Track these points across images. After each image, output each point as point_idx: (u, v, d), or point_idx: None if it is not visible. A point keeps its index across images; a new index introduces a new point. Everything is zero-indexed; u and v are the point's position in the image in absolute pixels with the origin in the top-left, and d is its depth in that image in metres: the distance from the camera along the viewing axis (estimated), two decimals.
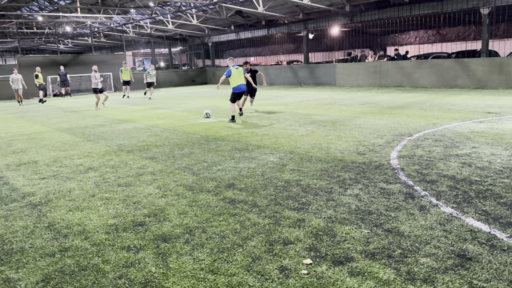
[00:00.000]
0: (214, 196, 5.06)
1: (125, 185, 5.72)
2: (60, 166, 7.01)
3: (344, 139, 8.23)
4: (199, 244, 3.75)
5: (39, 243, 3.92)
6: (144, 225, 4.24)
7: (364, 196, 4.82)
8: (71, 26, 38.30)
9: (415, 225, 3.94)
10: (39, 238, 4.03)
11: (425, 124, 9.57)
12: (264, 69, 30.77)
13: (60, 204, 5.04)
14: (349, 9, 24.35)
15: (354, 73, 24.06)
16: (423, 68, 21.07)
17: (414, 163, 6.18)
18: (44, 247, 3.83)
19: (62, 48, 53.97)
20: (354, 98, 16.85)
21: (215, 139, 8.87)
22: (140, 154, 7.73)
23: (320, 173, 5.89)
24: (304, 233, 3.87)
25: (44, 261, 3.56)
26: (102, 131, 10.80)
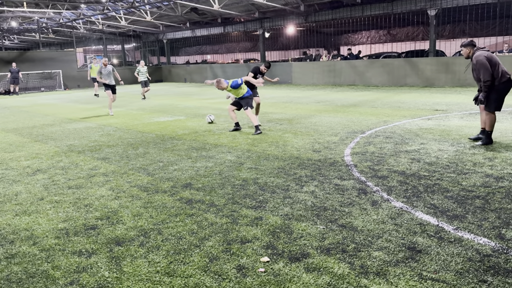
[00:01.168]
0: (170, 197, 4.97)
1: (76, 187, 5.51)
2: (6, 169, 6.64)
3: (300, 137, 8.35)
4: (155, 246, 3.67)
5: None
6: (96, 229, 4.10)
7: (319, 193, 4.91)
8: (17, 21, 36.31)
9: (367, 220, 4.07)
10: None
11: (377, 122, 9.90)
12: (221, 67, 30.64)
13: (6, 208, 4.77)
14: (304, 9, 24.73)
15: (310, 72, 24.48)
16: (374, 67, 21.77)
17: (367, 160, 6.37)
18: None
19: (8, 44, 51.09)
20: (309, 96, 17.14)
21: (171, 138, 8.73)
22: (92, 154, 7.47)
23: (277, 171, 5.94)
24: (261, 231, 3.89)
25: None
26: (51, 131, 10.33)
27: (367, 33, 35.91)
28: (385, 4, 21.92)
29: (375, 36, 35.63)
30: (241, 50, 41.96)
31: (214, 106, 14.76)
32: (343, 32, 35.77)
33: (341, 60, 23.74)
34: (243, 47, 41.74)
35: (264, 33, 28.87)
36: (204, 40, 36.62)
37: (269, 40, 34.27)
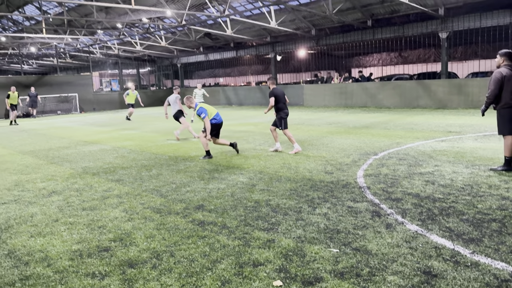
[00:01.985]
0: (182, 218, 4.99)
1: (90, 209, 5.56)
2: (22, 190, 6.75)
3: (313, 159, 8.34)
4: (167, 268, 3.67)
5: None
6: (109, 250, 4.12)
7: (332, 215, 4.88)
8: (36, 47, 37.47)
9: (382, 243, 4.02)
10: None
11: (390, 143, 9.85)
12: (234, 90, 30.99)
13: (22, 230, 4.83)
14: (315, 33, 25.06)
15: (321, 94, 24.60)
16: (386, 89, 21.79)
17: (380, 182, 6.33)
18: (4, 276, 3.64)
19: (26, 69, 52.59)
20: (321, 118, 17.18)
21: (184, 160, 8.80)
22: (106, 176, 7.55)
23: (289, 192, 5.93)
24: (274, 254, 3.87)
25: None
26: (67, 153, 10.50)
27: (378, 56, 36.12)
28: (396, 27, 22.11)
29: (386, 58, 35.80)
30: (253, 73, 42.49)
31: (226, 128, 14.87)
32: (354, 55, 36.04)
33: (353, 82, 23.83)
34: (255, 70, 42.26)
35: (276, 56, 29.25)
36: (217, 64, 37.21)
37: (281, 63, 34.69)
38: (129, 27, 30.38)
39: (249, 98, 29.18)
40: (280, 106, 9.18)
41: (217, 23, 26.36)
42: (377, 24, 22.63)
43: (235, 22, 25.29)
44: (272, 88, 9.31)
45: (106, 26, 29.51)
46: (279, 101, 9.15)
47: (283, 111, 9.23)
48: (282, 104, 9.19)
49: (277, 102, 9.13)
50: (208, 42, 31.37)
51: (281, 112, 9.22)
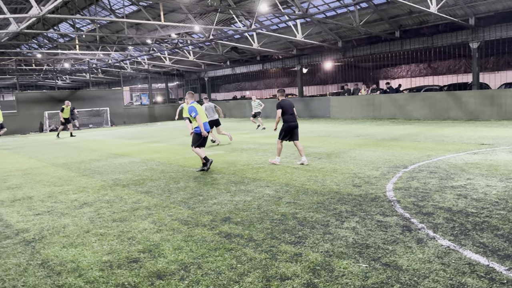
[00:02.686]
0: (209, 231, 5.02)
1: (120, 220, 5.67)
2: (55, 202, 6.96)
3: (340, 171, 8.25)
4: (195, 280, 3.69)
5: (32, 281, 3.84)
6: (138, 262, 4.18)
7: (361, 229, 4.79)
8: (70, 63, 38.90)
9: (413, 259, 3.91)
10: (32, 276, 3.96)
11: (420, 156, 9.64)
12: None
13: (54, 240, 4.97)
14: (342, 45, 24.98)
15: (348, 106, 24.39)
16: (415, 100, 21.40)
17: (410, 195, 6.19)
18: (37, 285, 3.75)
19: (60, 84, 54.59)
20: (348, 130, 17.01)
21: (211, 172, 8.87)
22: (136, 188, 7.70)
23: (316, 205, 5.87)
24: (301, 268, 3.83)
25: None
26: (98, 165, 10.78)
27: (407, 67, 35.59)
28: (425, 38, 21.78)
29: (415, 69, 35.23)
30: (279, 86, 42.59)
31: (252, 140, 14.93)
32: (382, 66, 35.66)
33: (381, 94, 23.54)
34: (281, 83, 42.40)
35: (302, 69, 29.29)
36: (243, 77, 37.58)
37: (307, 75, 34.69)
38: (159, 42, 31.16)
39: (274, 111, 29.23)
40: (285, 118, 9.25)
41: (243, 37, 26.70)
42: (405, 35, 22.36)
43: (261, 36, 25.54)
44: (280, 100, 9.40)
45: (136, 42, 30.38)
46: (285, 113, 9.23)
47: (287, 123, 9.29)
48: (288, 115, 9.24)
49: (283, 113, 9.22)
50: (234, 56, 31.76)
51: (284, 124, 9.32)
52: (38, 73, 46.58)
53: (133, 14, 25.53)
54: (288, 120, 9.26)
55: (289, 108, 9.26)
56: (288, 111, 9.24)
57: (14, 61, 35.99)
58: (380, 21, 21.61)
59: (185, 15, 23.69)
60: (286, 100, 9.44)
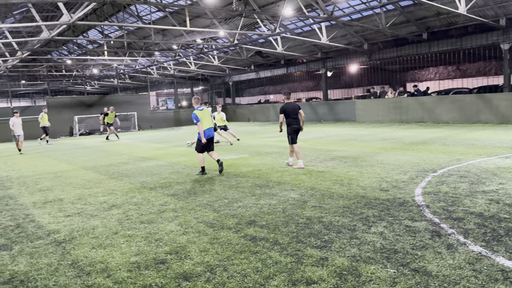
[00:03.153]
0: (235, 233, 5.03)
1: (147, 222, 5.76)
2: (85, 204, 7.13)
3: (366, 175, 8.14)
4: (220, 283, 3.71)
5: (62, 281, 3.94)
6: (165, 263, 4.23)
7: (389, 234, 4.71)
8: (98, 68, 39.92)
9: (443, 264, 3.81)
10: (63, 276, 4.06)
11: (449, 160, 9.40)
12: None
13: (84, 241, 5.09)
14: (367, 47, 24.70)
15: (374, 109, 24.06)
16: (444, 103, 20.92)
17: (440, 200, 6.04)
18: (68, 285, 3.85)
19: (89, 89, 56.05)
20: (374, 134, 16.76)
21: (236, 176, 8.90)
22: (162, 191, 7.81)
23: (343, 210, 5.81)
24: (327, 273, 3.79)
25: None
26: (126, 168, 11.00)
27: (435, 69, 34.84)
28: (454, 40, 21.29)
29: (443, 72, 34.45)
30: (303, 90, 42.44)
31: (277, 144, 14.90)
32: (409, 69, 35.01)
33: (408, 97, 23.11)
34: (305, 86, 42.22)
35: (327, 72, 29.09)
36: (267, 81, 37.62)
37: (332, 79, 34.42)
38: (184, 48, 31.61)
39: None
40: (288, 121, 9.39)
41: (268, 41, 26.76)
42: (433, 37, 21.91)
43: (286, 40, 25.53)
44: (285, 103, 9.51)
45: (162, 47, 30.90)
46: (288, 116, 9.34)
47: (290, 127, 9.43)
48: (290, 119, 9.36)
49: (286, 117, 9.35)
50: (259, 60, 31.86)
51: (288, 128, 9.46)
52: (68, 79, 48.01)
53: (159, 20, 26.00)
54: (291, 123, 9.41)
55: (292, 112, 9.34)
56: (291, 114, 9.33)
57: (45, 67, 37.20)
58: (407, 23, 21.25)
59: (210, 21, 23.96)
60: (290, 103, 9.50)
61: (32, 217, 6.41)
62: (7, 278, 4.08)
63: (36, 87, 52.55)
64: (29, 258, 4.61)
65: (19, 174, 11.11)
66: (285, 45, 26.11)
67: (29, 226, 5.88)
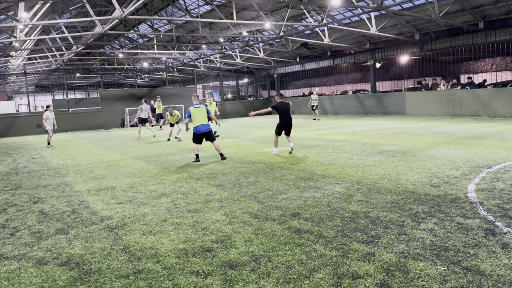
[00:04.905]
0: (279, 225, 5.05)
1: (194, 211, 5.91)
2: (135, 192, 7.42)
3: (416, 170, 7.88)
4: (265, 273, 3.74)
5: (115, 265, 4.14)
6: (212, 251, 4.33)
7: (439, 231, 4.55)
8: (148, 62, 41.17)
9: (497, 264, 3.64)
10: (115, 260, 4.26)
11: (506, 156, 8.90)
12: (329, 99, 30.66)
13: (135, 228, 5.31)
14: (419, 38, 23.76)
15: (425, 101, 23.17)
16: (501, 96, 19.76)
17: (495, 197, 5.74)
18: (120, 269, 4.03)
19: (139, 82, 58.00)
20: (425, 127, 16.15)
21: (280, 168, 8.92)
22: (208, 181, 7.97)
23: (390, 205, 5.67)
24: (374, 268, 3.72)
25: (119, 282, 3.75)
26: (174, 159, 11.31)
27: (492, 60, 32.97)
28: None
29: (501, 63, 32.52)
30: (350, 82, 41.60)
31: (321, 137, 14.74)
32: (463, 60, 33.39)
33: (461, 89, 22.05)
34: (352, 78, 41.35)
35: (375, 63, 28.29)
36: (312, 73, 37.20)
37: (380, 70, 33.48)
38: (230, 41, 31.87)
39: (345, 107, 28.62)
40: (281, 118, 10.94)
41: (314, 32, 26.40)
42: (490, 26, 20.69)
43: (333, 31, 25.08)
44: (278, 102, 10.98)
45: (209, 41, 31.33)
46: (280, 114, 10.87)
47: (281, 122, 10.97)
48: (283, 116, 10.88)
49: (279, 114, 10.91)
50: (304, 52, 31.53)
51: (279, 122, 11.04)
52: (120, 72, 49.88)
53: (206, 14, 26.36)
54: (282, 119, 10.91)
55: (284, 110, 10.89)
56: (283, 112, 10.87)
57: (98, 61, 38.85)
58: (462, 11, 20.19)
59: (257, 13, 23.97)
60: (283, 102, 11.02)
61: (87, 203, 6.76)
62: (64, 260, 4.34)
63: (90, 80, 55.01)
64: (84, 242, 4.87)
65: (74, 162, 11.73)
66: (332, 36, 25.64)
67: (83, 212, 6.21)
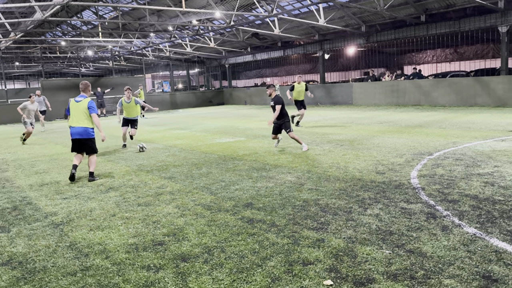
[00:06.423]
0: (232, 216, 5.06)
1: (145, 204, 5.78)
2: (82, 186, 7.13)
3: (363, 158, 8.17)
4: (218, 263, 3.74)
5: (61, 262, 3.97)
6: (163, 245, 4.26)
7: (384, 216, 4.75)
8: (93, 50, 39.45)
9: (438, 246, 3.87)
10: (61, 257, 4.09)
11: (445, 143, 9.44)
12: (280, 89, 30.97)
13: (82, 223, 5.11)
14: (365, 29, 24.49)
15: (371, 92, 24.01)
16: (441, 86, 20.89)
17: (435, 183, 6.09)
18: (66, 266, 3.88)
19: (84, 71, 55.49)
20: (371, 117, 16.77)
21: (233, 159, 8.92)
22: (159, 174, 7.82)
23: (339, 192, 5.85)
24: (324, 254, 3.83)
25: (66, 280, 3.60)
26: (123, 151, 10.97)
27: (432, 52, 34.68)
28: (452, 22, 21.12)
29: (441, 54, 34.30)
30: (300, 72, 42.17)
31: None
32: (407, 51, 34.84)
33: (405, 80, 23.05)
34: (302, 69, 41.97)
35: (324, 54, 28.88)
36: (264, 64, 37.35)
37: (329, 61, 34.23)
38: (180, 29, 31.22)
39: None
40: (284, 112, 9.59)
41: (264, 22, 26.46)
42: (431, 19, 21.73)
43: (283, 21, 25.26)
44: (276, 96, 9.60)
45: (158, 29, 30.51)
46: (283, 108, 9.56)
47: (287, 116, 9.67)
48: (284, 110, 9.60)
49: (282, 108, 9.51)
50: (255, 42, 31.57)
51: (286, 117, 9.59)
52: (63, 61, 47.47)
53: (154, 1, 25.59)
54: (285, 113, 9.64)
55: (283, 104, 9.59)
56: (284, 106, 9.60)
57: (39, 49, 36.71)
58: (405, 5, 21.03)
59: (206, 1, 23.62)
60: (279, 95, 9.78)
61: (29, 199, 6.42)
62: (6, 260, 4.11)
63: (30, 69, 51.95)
64: (27, 240, 4.63)
65: (14, 156, 11.07)
66: (282, 27, 25.84)
67: (26, 209, 5.89)
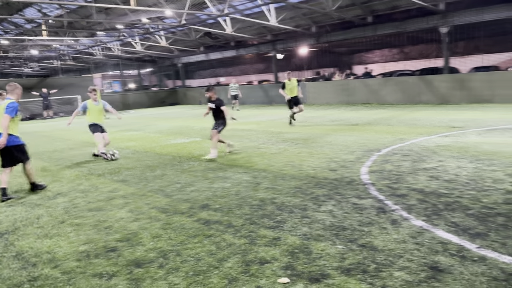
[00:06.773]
0: (188, 218, 5.00)
1: (96, 209, 5.58)
2: (27, 193, 6.78)
3: (316, 156, 8.35)
4: (174, 268, 3.69)
5: (6, 274, 3.75)
6: (116, 251, 4.14)
7: (337, 212, 4.88)
8: (37, 49, 37.55)
9: (388, 239, 4.02)
10: (7, 268, 3.87)
11: (393, 140, 9.84)
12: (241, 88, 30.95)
13: (28, 231, 4.86)
14: (315, 30, 25.03)
15: (323, 91, 24.58)
16: (388, 85, 21.76)
17: (384, 178, 6.33)
18: (12, 278, 3.67)
19: (28, 72, 52.71)
20: (323, 115, 17.17)
21: (188, 160, 8.82)
22: (111, 177, 7.58)
23: (294, 190, 5.94)
24: (280, 252, 3.88)
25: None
26: (72, 154, 10.54)
27: (380, 52, 36.04)
28: (397, 23, 22.05)
29: (388, 54, 35.72)
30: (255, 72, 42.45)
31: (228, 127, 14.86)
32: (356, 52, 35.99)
33: (355, 79, 23.81)
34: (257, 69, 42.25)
35: (276, 54, 29.21)
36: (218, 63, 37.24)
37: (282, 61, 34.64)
38: (129, 28, 30.41)
39: (251, 97, 29.17)
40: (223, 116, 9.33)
41: (217, 22, 26.36)
42: (378, 20, 22.57)
43: (235, 21, 25.28)
44: (218, 98, 9.36)
45: (106, 27, 29.55)
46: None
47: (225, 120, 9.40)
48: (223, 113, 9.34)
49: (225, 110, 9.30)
50: (208, 41, 31.36)
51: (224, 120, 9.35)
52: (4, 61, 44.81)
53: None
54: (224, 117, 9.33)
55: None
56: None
57: None
58: (353, 6, 21.71)
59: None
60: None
61: None
62: None
63: None
64: None
65: None
66: (235, 26, 25.85)
67: None
